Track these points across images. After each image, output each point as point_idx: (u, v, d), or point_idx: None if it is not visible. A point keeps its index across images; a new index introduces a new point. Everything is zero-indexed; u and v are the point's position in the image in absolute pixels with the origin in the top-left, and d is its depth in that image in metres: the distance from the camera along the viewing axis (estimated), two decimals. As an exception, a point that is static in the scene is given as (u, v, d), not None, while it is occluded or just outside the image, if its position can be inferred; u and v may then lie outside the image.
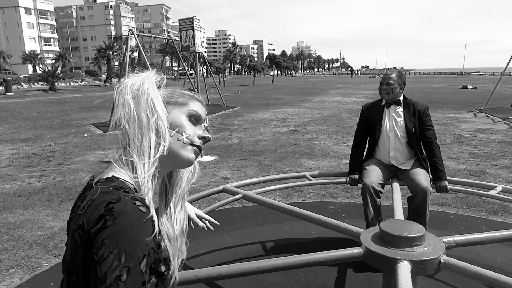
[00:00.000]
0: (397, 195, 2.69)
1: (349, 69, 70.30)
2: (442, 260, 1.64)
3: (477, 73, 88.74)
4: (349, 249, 1.80)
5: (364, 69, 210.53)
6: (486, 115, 13.01)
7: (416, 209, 2.93)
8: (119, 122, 0.84)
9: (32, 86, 35.65)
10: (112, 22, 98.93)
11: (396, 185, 2.94)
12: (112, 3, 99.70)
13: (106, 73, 46.32)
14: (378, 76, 73.19)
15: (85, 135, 10.24)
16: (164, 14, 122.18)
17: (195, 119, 0.94)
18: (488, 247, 3.33)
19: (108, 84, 40.67)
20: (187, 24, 6.69)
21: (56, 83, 30.59)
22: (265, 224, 4.00)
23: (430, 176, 3.07)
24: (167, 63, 70.09)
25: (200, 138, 0.94)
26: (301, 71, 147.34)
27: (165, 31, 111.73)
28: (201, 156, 7.21)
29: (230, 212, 4.38)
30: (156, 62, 52.45)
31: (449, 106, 16.23)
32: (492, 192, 3.02)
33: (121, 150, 0.87)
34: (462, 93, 25.15)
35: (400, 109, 3.09)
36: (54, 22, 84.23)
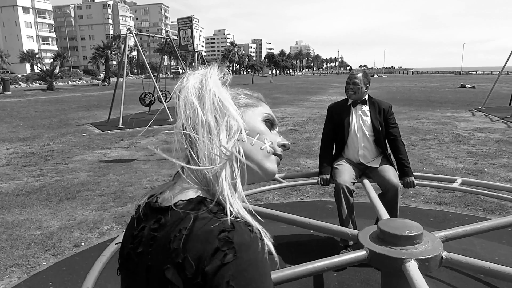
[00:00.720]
0: (373, 193, 2.69)
1: (348, 68, 70.14)
2: (444, 256, 1.65)
3: (475, 72, 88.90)
4: (353, 253, 1.77)
5: (362, 68, 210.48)
6: (484, 114, 13.04)
7: (388, 206, 2.88)
8: (183, 127, 0.69)
9: (30, 85, 35.58)
10: (111, 21, 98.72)
11: (367, 183, 2.99)
12: (111, 2, 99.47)
13: (104, 72, 46.24)
14: (376, 76, 73.31)
15: (83, 134, 10.22)
16: (163, 13, 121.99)
17: (270, 123, 0.80)
18: (486, 246, 3.35)
19: (106, 83, 40.62)
20: (186, 23, 6.68)
21: (54, 83, 30.54)
22: (263, 223, 3.99)
23: (397, 172, 3.14)
24: (166, 62, 69.99)
25: (280, 146, 0.80)
26: (300, 70, 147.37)
27: (164, 30, 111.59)
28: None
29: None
30: (154, 61, 52.43)
31: (447, 105, 16.26)
32: (454, 185, 3.17)
33: (185, 160, 0.72)
34: (460, 92, 25.19)
35: (366, 108, 3.18)
36: (52, 21, 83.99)
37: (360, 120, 3.16)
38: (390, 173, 3.02)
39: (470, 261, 1.61)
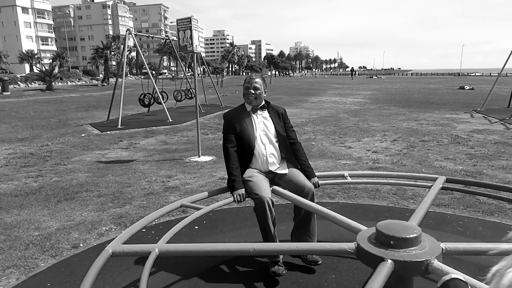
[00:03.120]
0: (289, 193, 2.84)
1: (350, 69, 70.07)
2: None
3: (474, 74, 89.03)
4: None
5: (362, 69, 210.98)
6: (483, 116, 13.05)
7: (307, 206, 2.83)
8: None
9: (29, 85, 35.54)
10: (110, 21, 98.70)
11: (279, 189, 2.96)
12: (110, 3, 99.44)
13: (103, 73, 46.21)
14: (375, 77, 73.37)
15: (82, 135, 10.21)
16: (162, 14, 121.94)
17: None
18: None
19: (105, 84, 40.59)
20: (185, 24, 6.66)
21: (53, 83, 30.50)
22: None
23: None
24: (165, 63, 69.96)
25: None
26: (299, 72, 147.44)
27: (163, 31, 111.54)
28: (198, 157, 7.20)
29: (227, 212, 4.38)
30: (153, 62, 52.42)
31: (446, 107, 16.28)
32: (343, 179, 3.55)
33: None
34: (459, 93, 25.22)
35: (266, 114, 3.07)
36: (51, 22, 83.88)
37: (264, 127, 3.03)
38: (301, 176, 3.00)
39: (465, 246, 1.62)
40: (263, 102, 3.08)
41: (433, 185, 3.14)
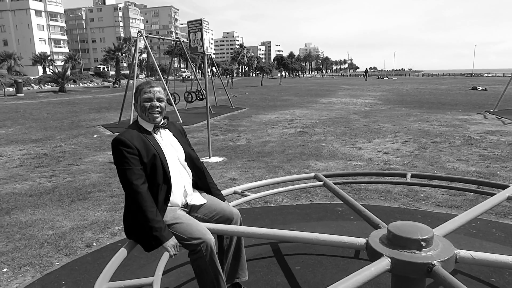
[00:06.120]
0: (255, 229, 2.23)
1: (364, 70, 69.50)
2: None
3: (487, 74, 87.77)
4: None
5: (372, 70, 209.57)
6: (496, 117, 12.87)
7: (239, 239, 2.53)
8: None
9: (42, 87, 36.06)
10: (121, 24, 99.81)
11: (222, 226, 2.36)
12: (121, 5, 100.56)
13: (115, 74, 46.70)
14: (386, 78, 72.78)
15: (94, 136, 10.34)
16: (173, 16, 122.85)
17: None
18: (496, 251, 3.31)
19: (117, 85, 40.99)
20: (196, 26, 6.71)
21: (65, 85, 30.91)
22: (273, 225, 4.01)
23: None
24: (175, 65, 70.45)
25: None
26: (309, 73, 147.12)
27: (173, 33, 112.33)
28: (209, 158, 7.24)
29: (238, 213, 4.39)
30: (164, 64, 52.81)
31: (458, 108, 16.09)
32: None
33: None
34: (471, 94, 24.91)
35: (169, 132, 2.39)
36: (64, 24, 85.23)
37: (172, 150, 2.34)
38: (222, 204, 2.50)
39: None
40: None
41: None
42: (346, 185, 5.05)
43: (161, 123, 2.33)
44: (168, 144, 2.34)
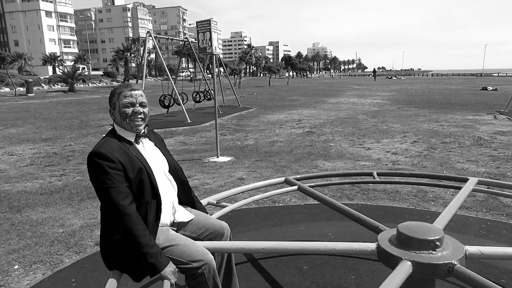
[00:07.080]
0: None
1: (372, 70, 69.09)
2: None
3: (497, 74, 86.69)
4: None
5: (380, 70, 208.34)
6: (507, 117, 12.72)
7: (229, 254, 2.33)
8: None
9: (52, 87, 36.44)
10: (130, 24, 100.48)
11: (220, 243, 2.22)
12: (130, 6, 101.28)
13: (124, 74, 47.05)
14: (395, 78, 72.30)
15: (103, 135, 10.41)
16: (181, 16, 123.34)
17: None
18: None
19: (125, 85, 41.26)
20: (205, 26, 6.74)
21: (75, 85, 31.21)
22: (281, 225, 4.01)
23: None
24: (183, 65, 70.75)
25: None
26: (317, 73, 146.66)
27: (182, 33, 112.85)
28: (217, 157, 7.26)
29: (246, 212, 4.40)
30: (172, 64, 53.04)
31: (468, 108, 15.93)
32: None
33: None
34: (481, 94, 24.64)
35: (150, 142, 2.13)
36: (73, 25, 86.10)
37: (157, 163, 2.07)
38: (210, 218, 2.29)
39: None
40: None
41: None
42: (345, 186, 5.03)
43: (142, 131, 2.04)
44: (152, 155, 2.07)
